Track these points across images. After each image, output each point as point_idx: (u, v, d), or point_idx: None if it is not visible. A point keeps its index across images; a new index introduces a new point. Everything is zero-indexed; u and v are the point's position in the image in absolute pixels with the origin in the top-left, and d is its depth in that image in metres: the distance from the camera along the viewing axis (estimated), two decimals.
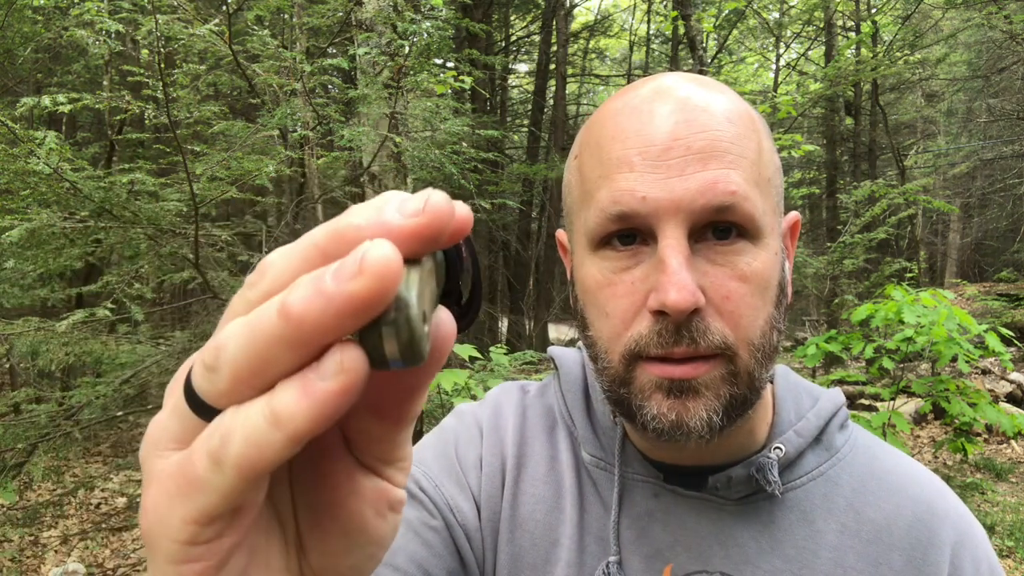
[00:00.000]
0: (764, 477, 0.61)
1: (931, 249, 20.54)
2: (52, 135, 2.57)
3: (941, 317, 3.60)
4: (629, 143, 0.56)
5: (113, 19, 3.15)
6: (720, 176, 0.54)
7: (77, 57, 8.40)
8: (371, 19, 3.65)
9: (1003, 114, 15.46)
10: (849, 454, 0.66)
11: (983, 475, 6.47)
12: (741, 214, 0.54)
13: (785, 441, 0.63)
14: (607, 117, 0.59)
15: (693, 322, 0.53)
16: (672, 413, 0.55)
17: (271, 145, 3.76)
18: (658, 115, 0.56)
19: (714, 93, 0.58)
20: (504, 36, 16.44)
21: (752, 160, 0.56)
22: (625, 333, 0.56)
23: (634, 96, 0.59)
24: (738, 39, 16.46)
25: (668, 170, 0.54)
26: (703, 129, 0.55)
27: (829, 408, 0.67)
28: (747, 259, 0.55)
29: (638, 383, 0.56)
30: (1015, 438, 7.22)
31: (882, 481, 0.65)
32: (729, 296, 0.54)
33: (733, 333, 0.54)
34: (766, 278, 0.56)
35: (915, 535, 0.61)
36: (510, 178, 10.51)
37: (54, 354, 2.78)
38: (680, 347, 0.54)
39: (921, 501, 0.64)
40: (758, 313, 0.55)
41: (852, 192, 6.21)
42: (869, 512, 0.63)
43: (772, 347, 0.57)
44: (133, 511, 5.01)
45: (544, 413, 0.74)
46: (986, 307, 10.28)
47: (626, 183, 0.55)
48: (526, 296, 14.38)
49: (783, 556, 0.61)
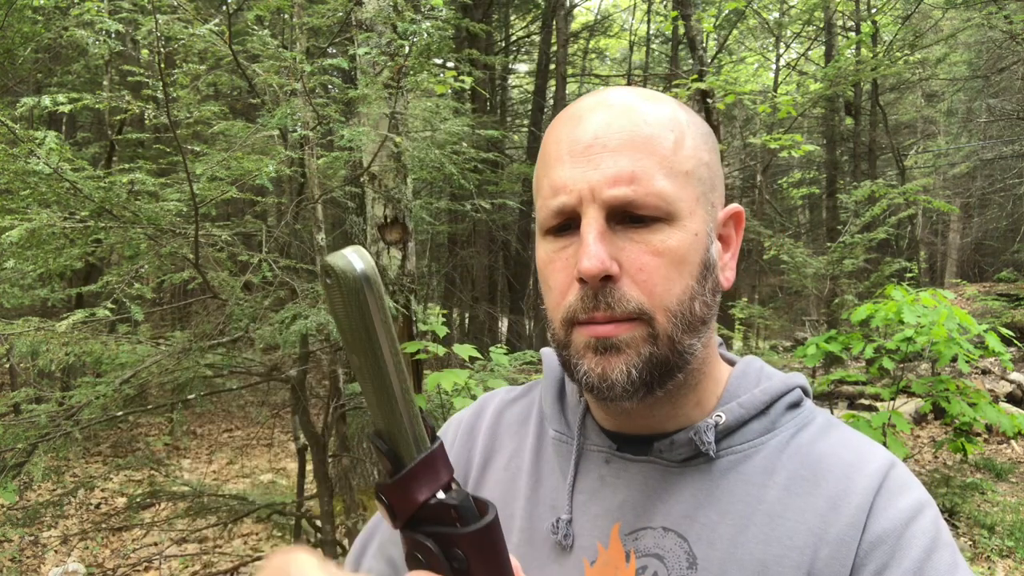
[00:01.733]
0: (700, 439, 0.67)
1: (931, 249, 20.54)
2: (52, 135, 2.57)
3: (941, 317, 3.60)
4: (563, 144, 0.66)
5: (113, 19, 3.15)
6: (626, 170, 0.62)
7: (77, 57, 8.40)
8: (371, 19, 3.65)
9: (1003, 114, 15.46)
10: (796, 429, 0.71)
11: (983, 475, 6.47)
12: (648, 203, 0.62)
13: (727, 410, 0.70)
14: (554, 125, 0.70)
15: (608, 288, 0.62)
16: (598, 368, 0.64)
17: (271, 145, 3.76)
18: (588, 120, 0.66)
19: (644, 101, 0.67)
20: (504, 36, 16.44)
21: (664, 156, 0.64)
22: (562, 302, 0.66)
23: (577, 107, 0.69)
24: (738, 39, 16.46)
25: (587, 163, 0.63)
26: (620, 130, 0.64)
27: (779, 387, 0.72)
28: (661, 237, 0.63)
29: (574, 345, 0.66)
30: (1015, 438, 7.21)
31: (824, 450, 0.69)
32: (643, 268, 0.63)
33: (648, 300, 0.63)
34: (681, 254, 0.64)
35: (841, 485, 0.65)
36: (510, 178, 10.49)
37: (54, 354, 2.78)
38: (599, 311, 0.63)
39: (855, 461, 0.67)
40: (672, 283, 0.64)
41: (852, 192, 6.20)
42: (804, 472, 0.67)
43: (696, 316, 0.65)
44: (133, 511, 5.01)
45: (522, 409, 0.84)
46: (986, 307, 10.28)
47: (559, 177, 0.65)
48: (526, 296, 14.38)
49: (719, 510, 0.66)
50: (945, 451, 6.19)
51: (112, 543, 5.17)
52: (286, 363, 4.03)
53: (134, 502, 4.49)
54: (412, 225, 3.81)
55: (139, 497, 4.26)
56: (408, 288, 3.71)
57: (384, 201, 3.69)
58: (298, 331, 3.03)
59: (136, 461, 6.50)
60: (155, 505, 5.14)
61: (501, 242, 14.24)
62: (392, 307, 3.56)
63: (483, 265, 13.50)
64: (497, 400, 0.86)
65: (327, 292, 0.42)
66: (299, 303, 3.18)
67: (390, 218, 3.70)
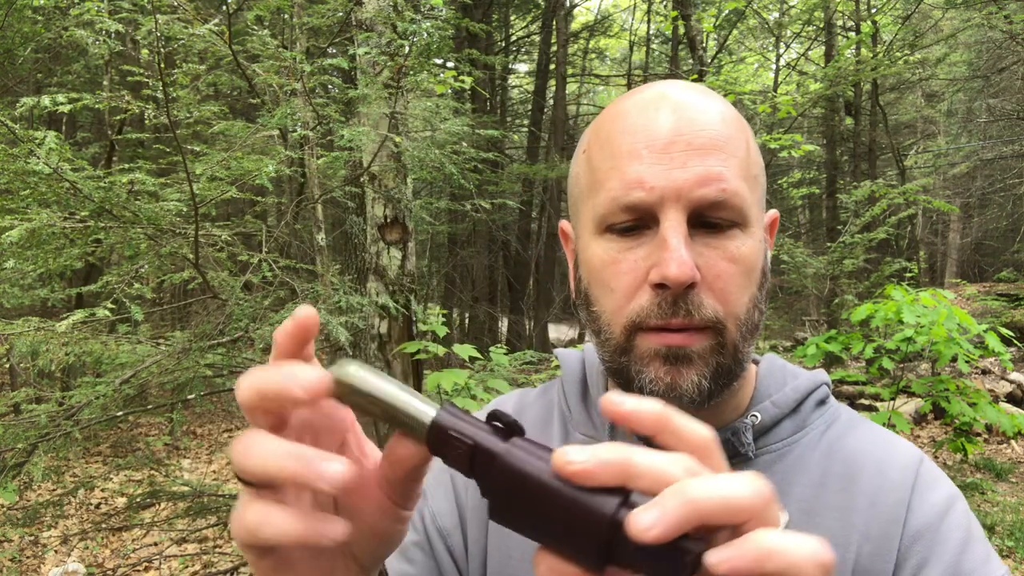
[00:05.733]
0: (739, 440, 0.67)
1: (931, 249, 20.53)
2: (52, 135, 2.57)
3: (941, 317, 3.60)
4: (637, 137, 0.62)
5: (113, 19, 3.15)
6: (715, 170, 0.60)
7: (77, 57, 8.40)
8: (371, 19, 3.65)
9: (1003, 114, 15.46)
10: (826, 426, 0.71)
11: (983, 475, 6.47)
12: (731, 206, 0.61)
13: (761, 410, 0.69)
14: (616, 115, 0.66)
15: (689, 296, 0.60)
16: (668, 377, 0.61)
17: (271, 145, 3.76)
18: (662, 114, 0.62)
19: (708, 98, 0.65)
20: (504, 36, 16.44)
21: (742, 158, 0.63)
22: (627, 306, 0.62)
23: (640, 98, 0.65)
24: (738, 39, 16.46)
25: (671, 161, 0.60)
26: (702, 128, 0.61)
27: (807, 385, 0.72)
28: (736, 244, 0.62)
29: (638, 351, 0.63)
30: (1015, 438, 7.22)
31: (855, 447, 0.70)
32: (720, 275, 0.61)
33: (723, 308, 0.61)
34: (752, 262, 0.63)
35: (877, 481, 0.66)
36: (510, 178, 10.51)
37: (54, 354, 2.78)
38: (677, 318, 0.60)
39: (886, 457, 0.69)
40: (744, 292, 0.62)
41: (852, 192, 6.21)
42: (837, 468, 0.68)
43: (754, 324, 0.65)
44: (133, 511, 5.01)
45: (541, 411, 0.81)
46: (986, 307, 10.28)
47: (634, 172, 0.61)
48: (526, 296, 14.39)
49: None
50: (945, 451, 6.19)
51: (112, 543, 5.17)
52: None
53: (134, 502, 4.48)
54: (412, 225, 3.81)
55: (139, 497, 4.26)
56: (408, 288, 3.71)
57: (384, 201, 3.69)
58: None
59: (136, 461, 6.50)
60: (155, 505, 5.13)
61: (501, 242, 14.24)
62: (392, 307, 3.56)
63: (483, 265, 13.49)
64: (513, 403, 0.84)
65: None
66: (299, 303, 3.17)
67: (390, 218, 3.70)
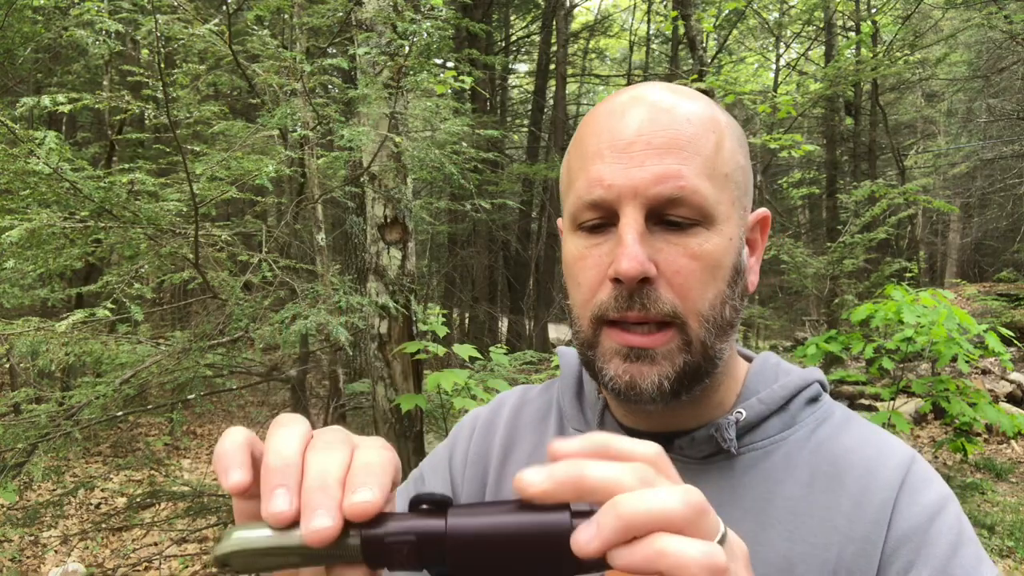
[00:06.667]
0: (721, 436, 0.67)
1: (931, 249, 20.54)
2: (52, 135, 2.57)
3: (941, 317, 3.60)
4: (603, 138, 0.65)
5: (113, 19, 3.15)
6: (672, 168, 0.61)
7: (77, 57, 8.39)
8: (371, 19, 3.65)
9: (1003, 114, 15.46)
10: (816, 424, 0.70)
11: (983, 475, 6.47)
12: (691, 203, 0.62)
13: (747, 407, 0.69)
14: (591, 118, 0.68)
15: (644, 290, 0.61)
16: (627, 375, 0.63)
17: (271, 145, 3.76)
18: (629, 116, 0.64)
19: (682, 99, 0.66)
20: (504, 36, 16.44)
21: (707, 156, 0.63)
22: (592, 299, 0.65)
23: (616, 101, 0.67)
24: (738, 39, 16.46)
25: (630, 160, 0.62)
26: (663, 128, 0.63)
27: (797, 382, 0.72)
28: (699, 240, 0.62)
29: (602, 347, 0.65)
30: (1015, 438, 7.22)
31: (845, 446, 0.68)
32: (679, 271, 0.62)
33: (682, 304, 0.62)
34: (716, 258, 0.63)
35: (864, 482, 0.65)
36: (510, 178, 10.50)
37: (54, 354, 2.78)
38: (633, 312, 0.62)
39: (876, 456, 0.67)
40: (707, 288, 0.63)
41: (852, 192, 6.21)
42: (824, 467, 0.67)
43: (726, 320, 0.65)
44: (133, 511, 5.01)
45: (541, 406, 0.84)
46: (986, 307, 10.27)
47: (596, 171, 0.63)
48: (526, 296, 14.39)
49: (741, 507, 0.66)
50: (945, 451, 6.20)
51: (112, 543, 5.17)
52: (286, 363, 4.03)
53: (134, 502, 4.48)
54: (412, 225, 3.81)
55: (139, 497, 4.26)
56: (408, 288, 3.71)
57: (384, 201, 3.69)
58: (298, 331, 3.03)
59: (136, 461, 6.50)
60: (155, 505, 5.13)
61: (501, 242, 14.24)
62: (392, 307, 3.56)
63: (483, 265, 13.48)
64: (515, 397, 0.87)
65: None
66: (299, 303, 3.18)
67: (390, 218, 3.70)
